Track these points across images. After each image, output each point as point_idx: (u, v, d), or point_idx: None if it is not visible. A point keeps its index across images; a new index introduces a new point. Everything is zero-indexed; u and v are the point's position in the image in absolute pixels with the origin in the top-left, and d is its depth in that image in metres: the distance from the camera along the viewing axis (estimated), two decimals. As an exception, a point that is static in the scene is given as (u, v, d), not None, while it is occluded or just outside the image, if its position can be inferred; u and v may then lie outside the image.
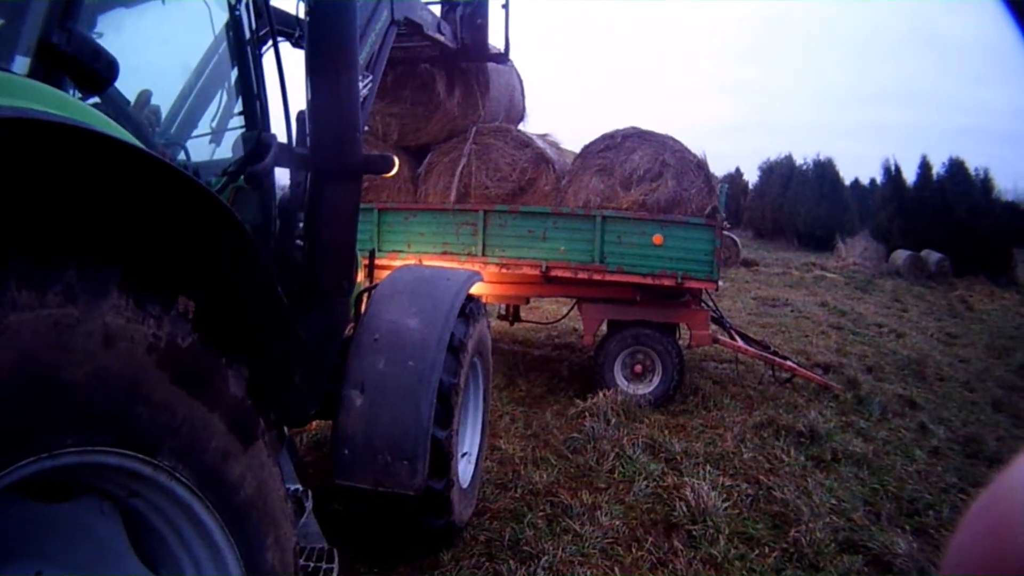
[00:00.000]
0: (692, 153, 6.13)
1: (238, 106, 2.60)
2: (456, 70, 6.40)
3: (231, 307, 1.53)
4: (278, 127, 2.62)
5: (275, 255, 2.68)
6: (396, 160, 3.15)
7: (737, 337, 7.19)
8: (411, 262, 5.93)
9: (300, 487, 2.96)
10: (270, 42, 2.76)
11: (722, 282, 6.51)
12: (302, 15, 3.04)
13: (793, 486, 4.41)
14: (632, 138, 6.23)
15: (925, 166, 25.21)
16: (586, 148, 6.36)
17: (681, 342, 6.56)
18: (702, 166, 6.09)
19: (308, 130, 2.87)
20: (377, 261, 4.30)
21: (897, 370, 8.60)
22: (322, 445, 4.50)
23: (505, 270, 6.34)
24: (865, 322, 12.34)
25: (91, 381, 1.16)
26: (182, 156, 2.45)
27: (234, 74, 2.58)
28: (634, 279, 6.06)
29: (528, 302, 7.42)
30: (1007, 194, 25.45)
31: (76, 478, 1.29)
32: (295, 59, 3.00)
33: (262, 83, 2.59)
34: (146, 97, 2.33)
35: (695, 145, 6.18)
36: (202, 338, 1.41)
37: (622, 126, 6.33)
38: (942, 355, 10.09)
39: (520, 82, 7.66)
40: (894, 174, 26.56)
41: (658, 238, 5.94)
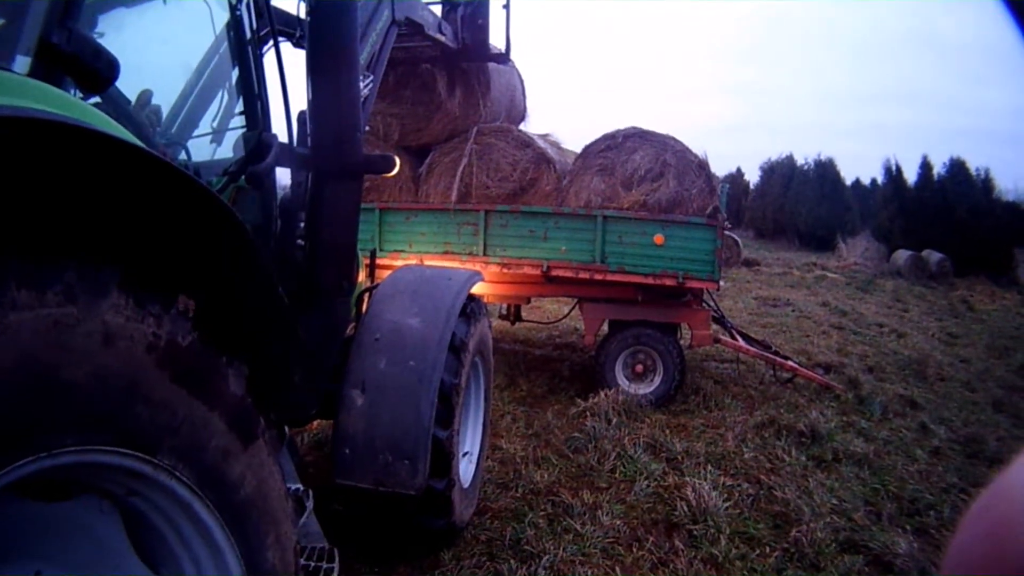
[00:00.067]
0: (693, 153, 6.12)
1: (239, 106, 2.60)
2: (457, 70, 6.40)
3: (232, 306, 1.53)
4: (279, 127, 2.63)
5: (276, 255, 2.68)
6: (397, 160, 3.16)
7: (738, 337, 7.18)
8: (412, 262, 5.94)
9: (301, 487, 2.96)
10: (271, 42, 2.76)
11: (723, 282, 6.50)
12: (303, 15, 3.04)
13: (794, 486, 4.41)
14: (633, 138, 6.23)
15: (926, 166, 25.25)
16: (587, 148, 6.36)
17: (682, 342, 6.56)
18: (703, 166, 6.09)
19: (309, 130, 2.88)
20: (378, 261, 4.31)
21: (898, 370, 8.59)
22: (323, 445, 4.50)
23: (506, 270, 6.34)
24: (866, 322, 12.33)
25: (91, 380, 1.16)
26: (183, 156, 2.45)
27: (235, 74, 2.59)
28: (635, 279, 6.06)
29: (529, 302, 7.42)
30: (1008, 194, 25.45)
31: (76, 477, 1.29)
32: (296, 59, 3.01)
33: (263, 83, 2.59)
34: (147, 97, 2.33)
35: (695, 145, 6.19)
36: (202, 337, 1.41)
37: (623, 126, 6.33)
38: (943, 355, 10.08)
39: (521, 82, 7.65)
40: (895, 174, 26.59)
41: (659, 238, 5.94)
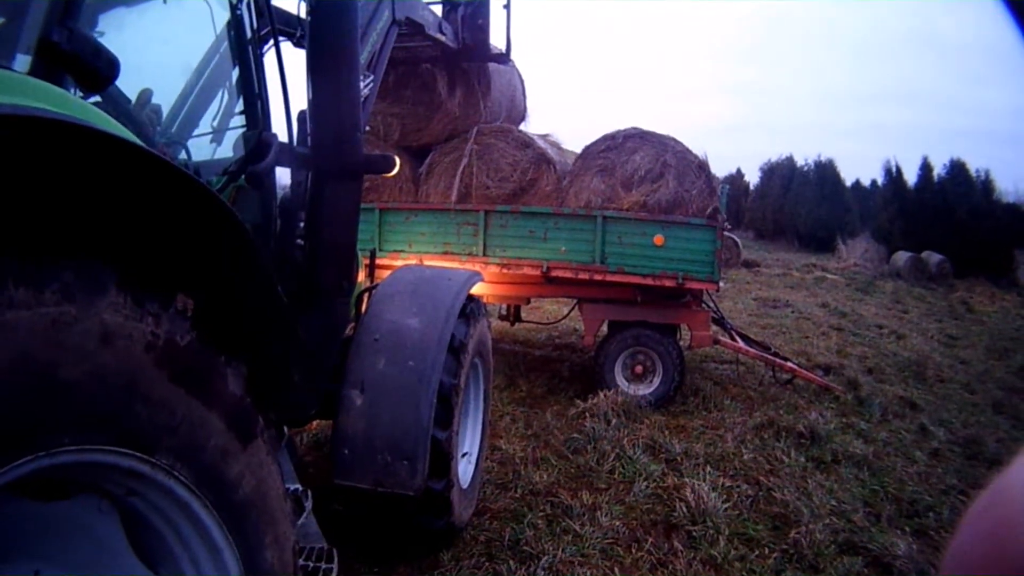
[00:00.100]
0: (693, 154, 6.12)
1: (239, 105, 2.60)
2: (457, 70, 6.40)
3: (231, 306, 1.53)
4: (279, 126, 2.63)
5: (275, 255, 2.68)
6: (397, 160, 3.16)
7: (738, 338, 7.18)
8: (412, 262, 5.93)
9: (300, 487, 2.95)
10: (271, 41, 2.76)
11: (723, 283, 6.50)
12: (303, 15, 3.05)
13: (793, 487, 4.40)
14: (633, 138, 6.23)
15: (926, 167, 25.28)
16: (587, 148, 6.36)
17: (682, 343, 6.56)
18: (703, 167, 6.09)
19: (309, 129, 2.87)
20: (378, 261, 4.30)
21: (897, 371, 8.59)
22: (322, 445, 4.50)
23: (506, 270, 6.33)
24: (866, 323, 12.34)
25: (89, 379, 1.16)
26: (183, 155, 2.45)
27: (235, 73, 2.59)
28: (635, 280, 6.06)
29: (529, 302, 7.43)
30: (1008, 196, 25.46)
31: (74, 477, 1.29)
32: (296, 58, 3.01)
33: (263, 82, 2.59)
34: (147, 96, 2.33)
35: (695, 145, 6.19)
36: (201, 336, 1.41)
37: (623, 126, 6.33)
38: (942, 357, 10.09)
39: (521, 82, 7.65)
40: (895, 175, 26.60)
41: (659, 239, 5.94)
